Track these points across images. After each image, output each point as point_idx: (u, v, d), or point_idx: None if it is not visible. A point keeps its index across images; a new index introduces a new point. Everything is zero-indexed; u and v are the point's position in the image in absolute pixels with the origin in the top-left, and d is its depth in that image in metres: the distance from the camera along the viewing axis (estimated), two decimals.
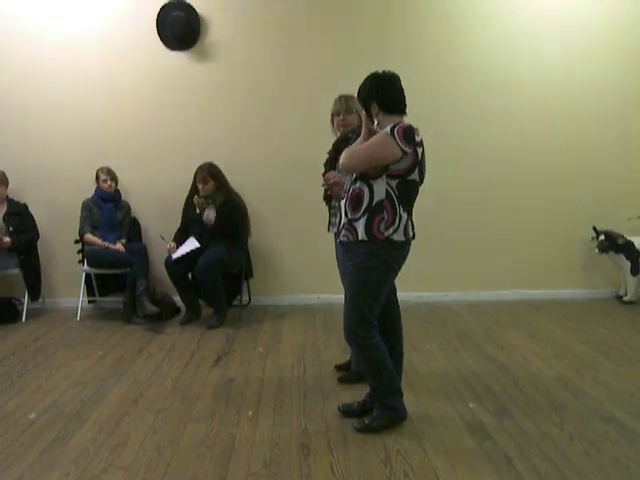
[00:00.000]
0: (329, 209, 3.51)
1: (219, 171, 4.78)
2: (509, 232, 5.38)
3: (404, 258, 2.76)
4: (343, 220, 2.75)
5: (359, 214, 2.66)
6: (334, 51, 5.12)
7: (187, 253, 4.59)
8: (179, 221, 4.92)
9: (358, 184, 2.68)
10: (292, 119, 5.19)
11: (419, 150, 2.62)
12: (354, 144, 2.79)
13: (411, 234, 2.72)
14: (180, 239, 4.76)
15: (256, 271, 5.24)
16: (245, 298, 5.19)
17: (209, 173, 4.69)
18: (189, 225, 4.80)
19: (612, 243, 5.15)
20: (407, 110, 2.74)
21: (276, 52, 5.13)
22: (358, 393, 3.13)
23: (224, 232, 4.66)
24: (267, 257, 5.34)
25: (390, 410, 2.83)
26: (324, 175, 3.55)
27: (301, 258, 5.32)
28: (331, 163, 3.44)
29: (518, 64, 5.21)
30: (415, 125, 2.64)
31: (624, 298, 5.28)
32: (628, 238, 5.14)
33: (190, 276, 4.76)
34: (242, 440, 2.73)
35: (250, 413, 3.02)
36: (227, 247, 4.68)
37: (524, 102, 5.25)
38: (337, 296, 5.15)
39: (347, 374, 3.47)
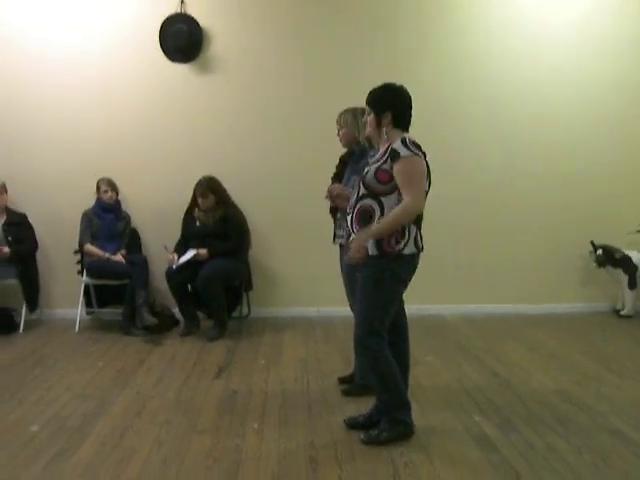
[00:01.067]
0: (334, 221, 3.52)
1: (219, 185, 4.79)
2: (508, 248, 5.41)
3: (414, 270, 2.78)
4: (352, 236, 2.76)
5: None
6: (337, 64, 5.17)
7: (188, 262, 4.58)
8: (178, 233, 4.92)
9: (367, 200, 2.69)
10: (296, 133, 5.22)
11: (426, 161, 2.70)
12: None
13: (421, 245, 2.74)
14: (181, 251, 4.75)
15: (256, 283, 5.22)
16: (244, 310, 5.17)
17: (209, 188, 4.70)
18: (189, 238, 4.79)
19: (610, 257, 5.19)
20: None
21: (279, 65, 5.17)
22: (363, 406, 3.11)
23: (223, 248, 4.65)
24: (267, 269, 5.33)
25: (398, 424, 2.81)
26: None
27: (301, 271, 5.32)
28: (338, 176, 3.47)
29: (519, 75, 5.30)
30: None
31: (622, 312, 5.31)
32: (625, 252, 5.19)
33: (190, 288, 4.73)
34: (249, 453, 2.70)
35: (255, 425, 3.00)
36: (229, 259, 4.68)
37: (523, 119, 5.32)
38: (337, 309, 5.22)
39: (351, 387, 3.46)
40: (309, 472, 2.53)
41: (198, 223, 4.73)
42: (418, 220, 2.72)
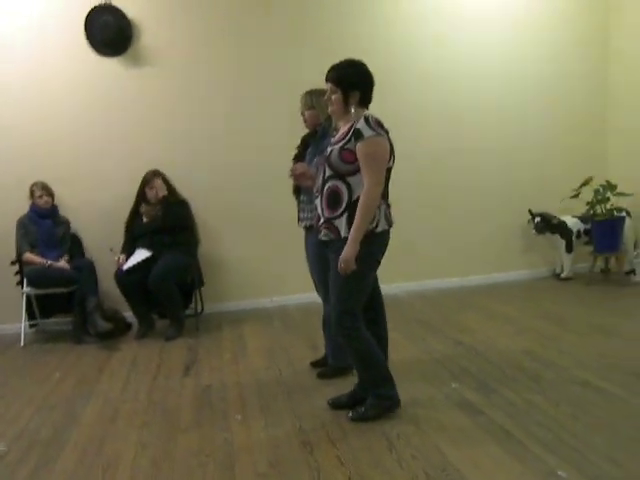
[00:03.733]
0: (298, 203, 3.48)
1: (166, 177, 4.65)
2: (452, 224, 5.56)
3: (386, 246, 2.77)
4: (321, 219, 2.73)
5: (339, 212, 2.64)
6: (272, 51, 5.11)
7: (138, 264, 4.41)
8: (123, 234, 4.72)
9: (334, 182, 2.65)
10: (234, 123, 5.12)
11: (389, 137, 2.68)
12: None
13: (391, 220, 2.75)
14: (128, 251, 4.57)
15: (206, 279, 5.10)
16: (198, 307, 5.04)
17: (159, 178, 4.57)
18: (137, 236, 4.61)
19: (547, 224, 5.43)
20: None
21: (212, 54, 5.05)
22: (340, 387, 3.11)
23: (175, 239, 4.52)
24: (217, 264, 5.22)
25: (384, 399, 2.83)
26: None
27: (252, 263, 5.24)
28: (299, 157, 3.43)
29: (455, 63, 5.43)
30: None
31: (562, 275, 5.58)
32: (561, 218, 5.45)
33: (142, 288, 4.56)
34: (240, 444, 2.65)
35: (239, 417, 2.94)
36: (178, 255, 4.55)
37: (456, 98, 5.47)
38: (292, 297, 5.25)
39: (326, 369, 3.45)
40: (306, 455, 2.51)
41: (145, 219, 4.56)
42: (385, 196, 2.71)
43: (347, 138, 2.61)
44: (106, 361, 4.01)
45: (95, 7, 4.78)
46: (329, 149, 2.71)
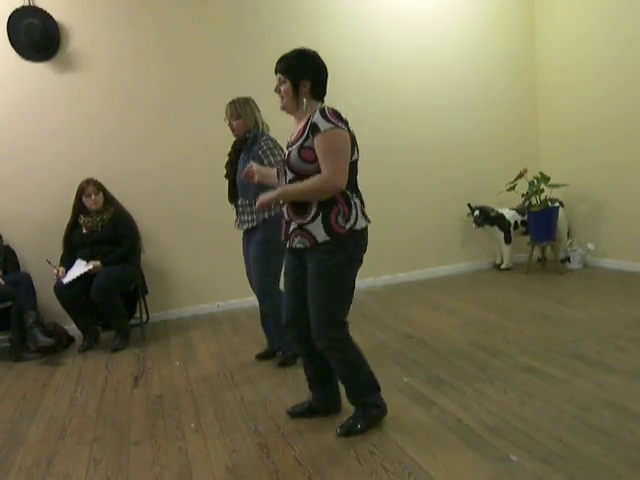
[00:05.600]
0: (236, 207, 3.53)
1: (103, 185, 4.52)
2: (393, 221, 5.63)
3: (367, 244, 2.61)
4: (292, 226, 2.54)
5: (310, 216, 2.46)
6: (202, 53, 5.06)
7: (79, 276, 4.27)
8: (60, 246, 4.56)
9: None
10: (167, 126, 5.03)
11: (350, 129, 2.50)
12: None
13: (368, 217, 2.60)
14: (68, 263, 4.41)
15: (150, 287, 4.99)
16: (143, 316, 4.93)
17: (96, 186, 4.41)
18: (76, 247, 4.46)
19: (486, 217, 5.60)
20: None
21: (141, 56, 4.94)
22: (297, 394, 3.11)
23: (116, 255, 4.40)
24: (160, 272, 5.12)
25: (371, 408, 2.67)
26: (226, 176, 3.55)
27: (194, 268, 5.17)
28: (232, 164, 3.47)
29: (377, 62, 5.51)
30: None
31: (502, 266, 5.76)
32: (499, 211, 5.62)
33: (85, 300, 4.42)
34: (196, 453, 2.60)
35: (193, 425, 2.89)
36: (121, 265, 4.43)
37: (393, 95, 5.56)
38: (238, 301, 5.21)
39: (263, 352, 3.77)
40: (263, 458, 2.49)
41: (85, 230, 4.42)
42: (357, 190, 2.58)
43: (305, 135, 2.43)
44: (50, 377, 3.86)
45: (18, 9, 4.59)
46: (287, 150, 2.55)
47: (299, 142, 2.45)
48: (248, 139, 3.44)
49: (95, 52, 4.83)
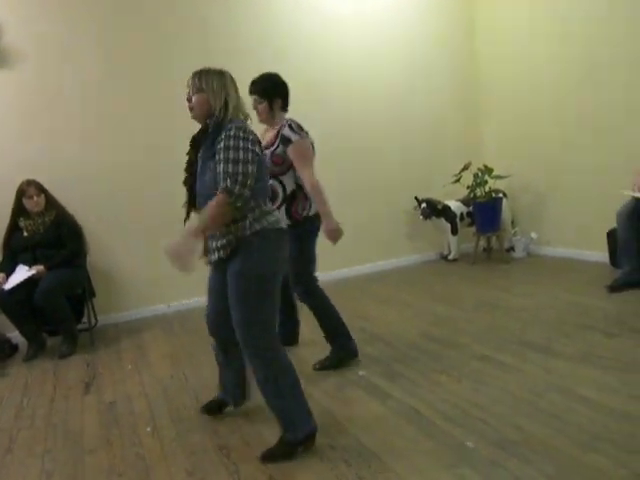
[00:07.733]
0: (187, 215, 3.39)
1: (43, 186, 4.36)
2: (339, 217, 5.61)
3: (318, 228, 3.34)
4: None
5: (276, 206, 3.13)
6: (143, 52, 4.96)
7: (21, 282, 4.11)
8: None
9: (271, 181, 3.05)
10: (114, 128, 4.91)
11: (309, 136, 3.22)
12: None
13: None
14: (9, 269, 4.24)
15: (98, 290, 4.85)
16: (91, 320, 4.79)
17: (37, 187, 4.26)
18: (17, 251, 4.30)
19: (433, 209, 5.70)
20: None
21: (79, 50, 4.79)
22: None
23: (60, 258, 4.26)
24: (108, 274, 4.99)
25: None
26: (184, 182, 3.10)
27: (143, 269, 5.05)
28: (191, 164, 2.68)
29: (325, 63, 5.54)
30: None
31: (449, 257, 5.89)
32: (445, 203, 5.74)
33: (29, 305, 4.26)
34: (153, 457, 2.56)
35: (149, 429, 2.85)
36: (66, 268, 4.30)
37: (335, 93, 5.59)
38: (189, 300, 5.13)
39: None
40: (223, 459, 2.48)
41: (26, 233, 4.26)
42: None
43: (276, 144, 3.14)
44: None
45: None
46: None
47: (271, 149, 3.14)
48: (208, 127, 2.50)
49: (30, 48, 4.65)
